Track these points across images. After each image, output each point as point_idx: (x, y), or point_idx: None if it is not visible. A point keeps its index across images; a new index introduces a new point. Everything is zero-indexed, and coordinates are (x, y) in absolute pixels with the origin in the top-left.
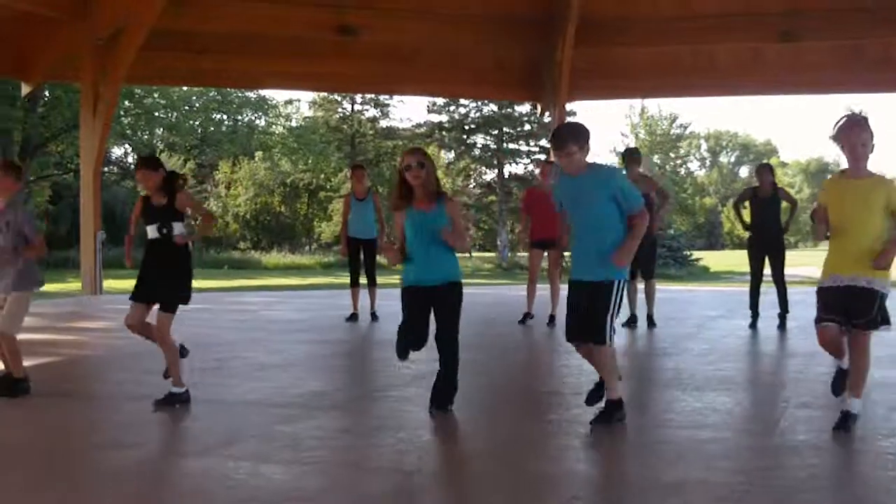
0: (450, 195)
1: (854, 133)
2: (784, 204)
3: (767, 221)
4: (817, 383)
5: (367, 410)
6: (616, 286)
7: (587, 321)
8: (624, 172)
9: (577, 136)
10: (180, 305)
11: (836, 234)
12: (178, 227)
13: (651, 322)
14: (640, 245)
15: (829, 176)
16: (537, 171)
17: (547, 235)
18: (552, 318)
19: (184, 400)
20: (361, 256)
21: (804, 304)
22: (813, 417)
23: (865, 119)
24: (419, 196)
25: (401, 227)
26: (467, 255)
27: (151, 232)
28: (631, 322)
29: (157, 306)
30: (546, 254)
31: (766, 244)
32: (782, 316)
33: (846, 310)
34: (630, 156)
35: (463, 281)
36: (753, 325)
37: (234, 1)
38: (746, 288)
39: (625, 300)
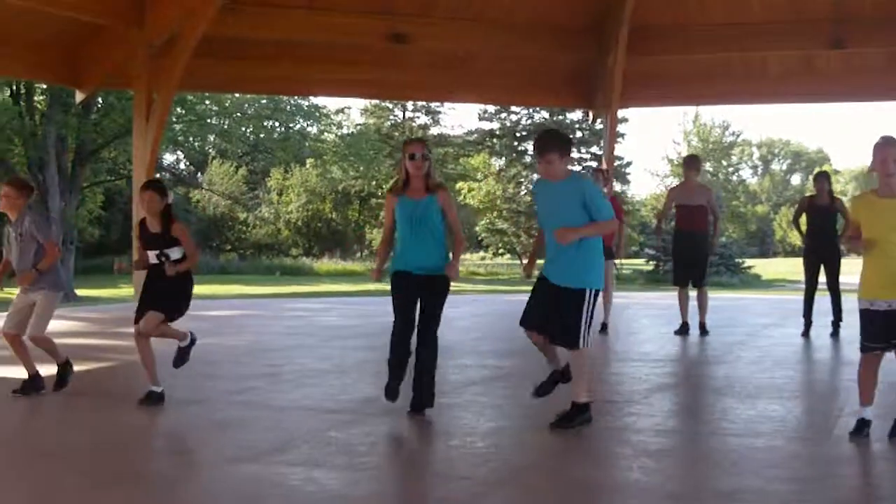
0: (444, 187)
1: (885, 150)
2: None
3: (824, 229)
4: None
5: (418, 417)
6: (588, 295)
7: (557, 324)
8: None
9: (559, 144)
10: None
11: (871, 254)
12: (174, 252)
13: (703, 330)
14: (694, 253)
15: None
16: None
17: None
18: (604, 326)
19: (160, 395)
20: None
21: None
22: None
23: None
24: (415, 186)
25: (391, 210)
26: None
27: (151, 258)
28: (682, 330)
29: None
30: None
31: (822, 252)
32: (836, 324)
33: (892, 331)
34: (687, 162)
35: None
36: (806, 334)
37: (287, 8)
38: (799, 296)
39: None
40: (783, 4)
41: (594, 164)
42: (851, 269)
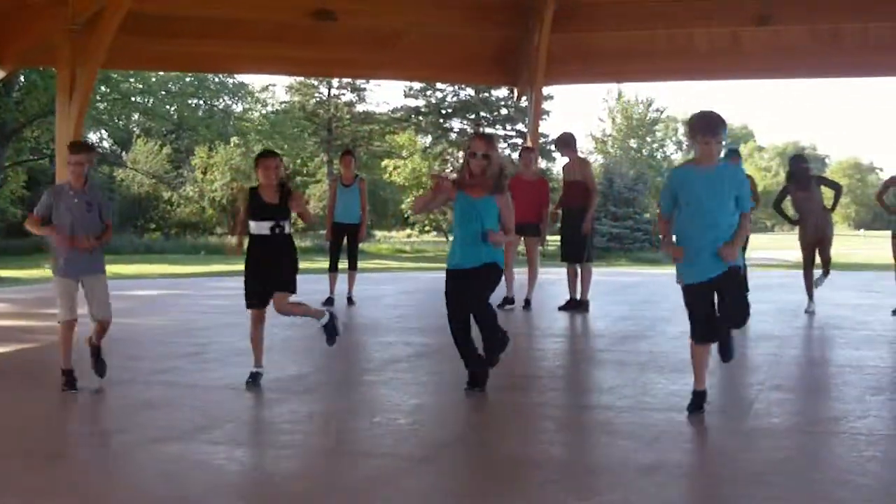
0: (503, 190)
1: None
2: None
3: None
4: (791, 366)
5: (342, 394)
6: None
7: (733, 310)
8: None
9: (723, 125)
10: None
11: None
12: (287, 226)
13: (584, 306)
14: (571, 230)
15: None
16: (516, 157)
17: (524, 221)
18: (528, 302)
19: (334, 322)
20: (344, 241)
21: (781, 288)
22: (787, 400)
23: None
24: (476, 183)
25: (443, 190)
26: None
27: (260, 228)
28: (567, 306)
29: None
30: (523, 239)
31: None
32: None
33: None
34: (561, 142)
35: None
36: None
37: None
38: None
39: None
40: None
41: (520, 141)
42: (757, 245)
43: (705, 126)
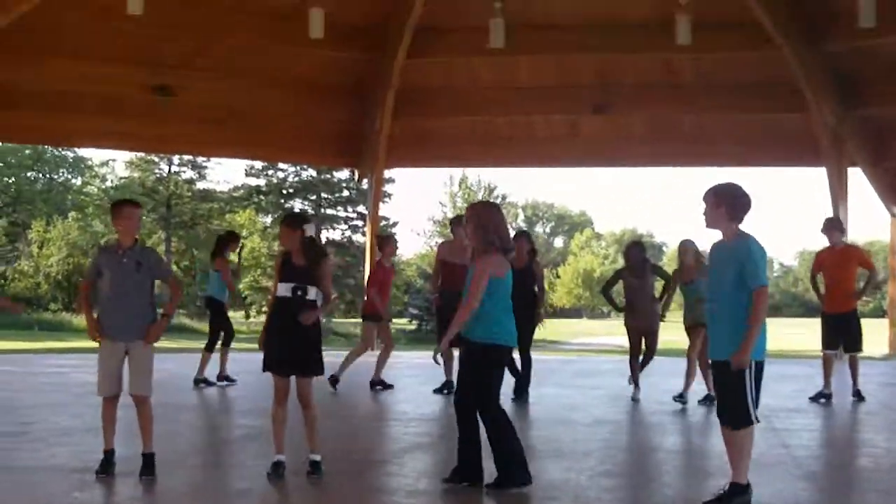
0: (484, 255)
1: None
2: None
3: (521, 291)
4: (623, 452)
5: (168, 478)
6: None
7: (723, 402)
8: None
9: (716, 191)
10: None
11: None
12: (312, 292)
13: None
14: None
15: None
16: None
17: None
18: (335, 379)
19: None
20: None
21: (613, 373)
22: (617, 486)
23: None
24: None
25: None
26: None
27: (283, 290)
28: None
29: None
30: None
31: (519, 315)
32: (520, 385)
33: None
34: (456, 220)
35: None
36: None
37: (50, 57)
38: (545, 356)
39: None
40: (549, 69)
41: (360, 223)
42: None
43: (705, 193)
